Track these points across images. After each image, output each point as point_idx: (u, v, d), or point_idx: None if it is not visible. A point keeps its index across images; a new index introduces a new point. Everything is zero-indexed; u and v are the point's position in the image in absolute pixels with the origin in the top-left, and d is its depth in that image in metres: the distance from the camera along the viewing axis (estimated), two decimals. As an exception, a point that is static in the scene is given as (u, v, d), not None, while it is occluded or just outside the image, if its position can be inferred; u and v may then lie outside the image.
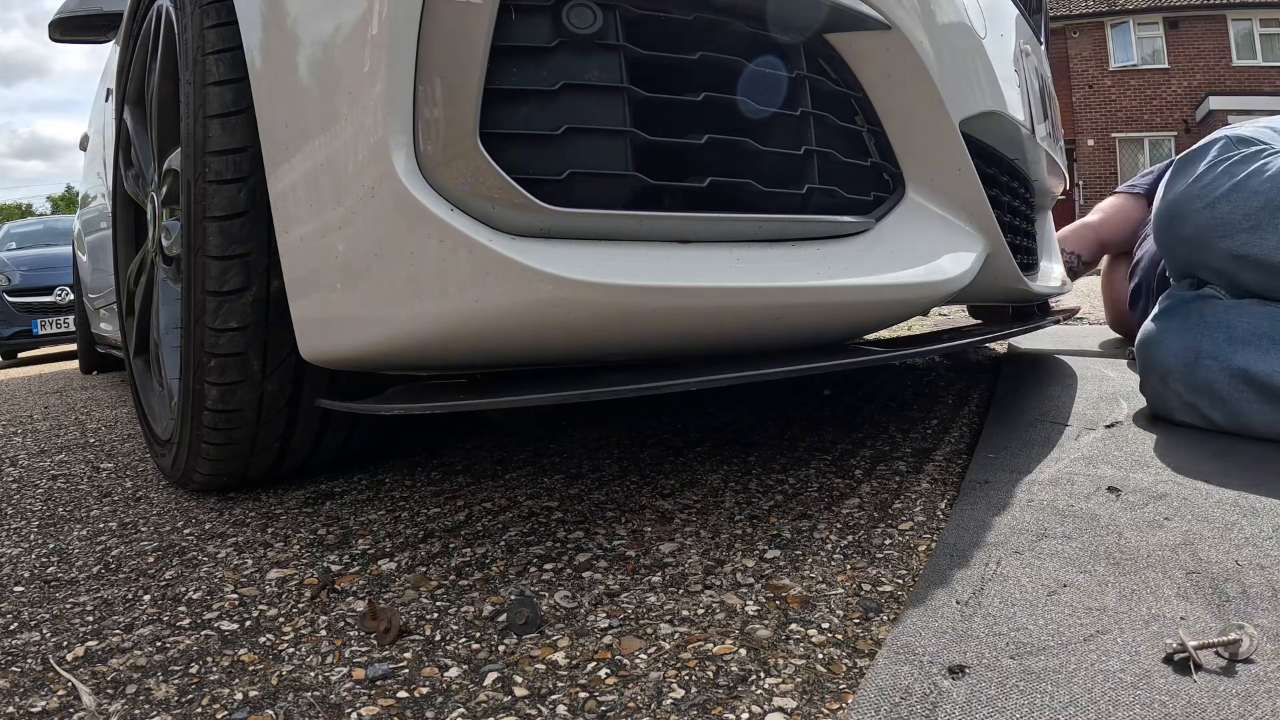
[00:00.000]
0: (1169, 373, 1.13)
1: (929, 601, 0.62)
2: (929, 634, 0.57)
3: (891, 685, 0.51)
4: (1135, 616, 0.58)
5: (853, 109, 0.86)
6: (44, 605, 0.77)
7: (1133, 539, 0.71)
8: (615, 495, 0.99)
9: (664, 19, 0.74)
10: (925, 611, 0.61)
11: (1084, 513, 0.79)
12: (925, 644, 0.56)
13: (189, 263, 0.92)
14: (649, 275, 0.70)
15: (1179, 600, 0.59)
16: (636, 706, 0.53)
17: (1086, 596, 0.61)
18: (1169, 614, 0.58)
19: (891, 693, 0.50)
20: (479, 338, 0.71)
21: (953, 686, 0.50)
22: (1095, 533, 0.74)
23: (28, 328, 6.20)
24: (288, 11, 0.79)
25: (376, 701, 0.56)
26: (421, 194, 0.67)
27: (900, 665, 0.53)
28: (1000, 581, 0.65)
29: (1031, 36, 1.36)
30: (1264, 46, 17.04)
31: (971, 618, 0.59)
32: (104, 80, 2.31)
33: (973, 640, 0.56)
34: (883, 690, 0.50)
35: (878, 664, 0.54)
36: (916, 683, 0.51)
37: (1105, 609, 0.59)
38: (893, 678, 0.52)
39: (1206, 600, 0.59)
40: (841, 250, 0.82)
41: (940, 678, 0.51)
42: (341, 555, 0.84)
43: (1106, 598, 0.61)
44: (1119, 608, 0.59)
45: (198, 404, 0.96)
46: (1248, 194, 1.07)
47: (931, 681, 0.51)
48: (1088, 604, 0.60)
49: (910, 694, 0.50)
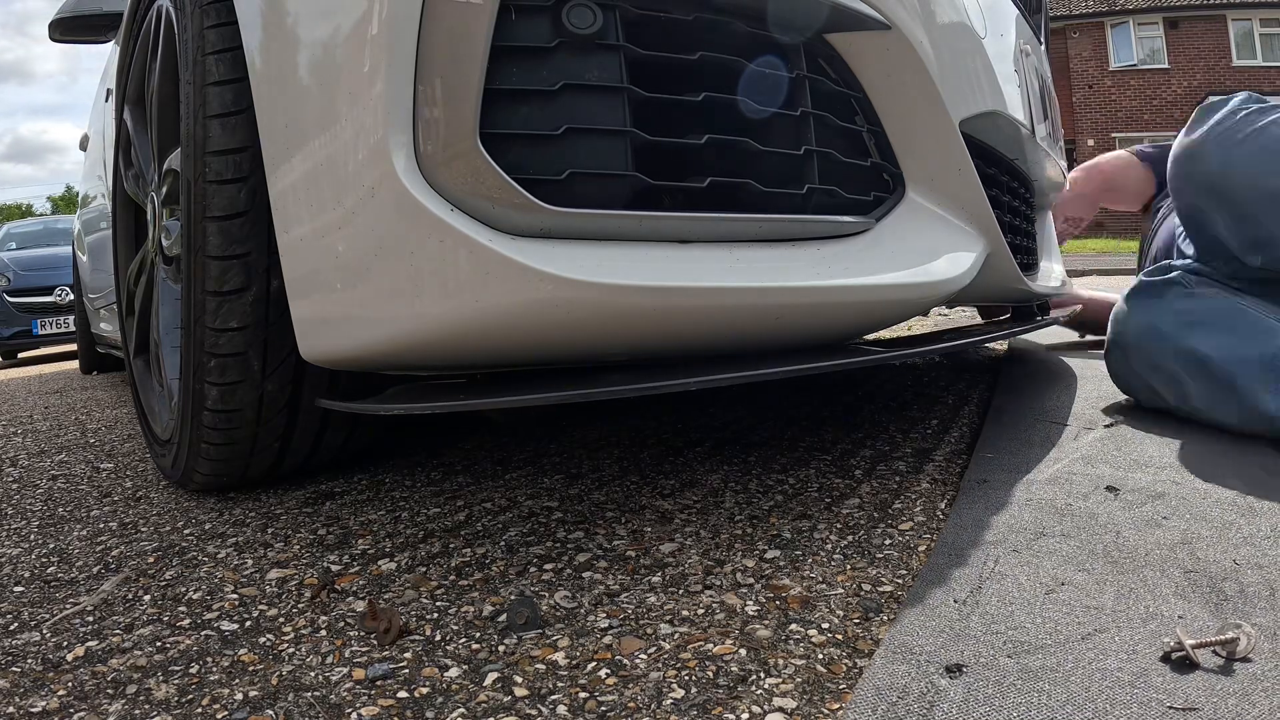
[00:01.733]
0: (1129, 349, 1.19)
1: (927, 601, 0.62)
2: (927, 633, 0.57)
3: (889, 684, 0.51)
4: (1133, 615, 0.58)
5: (853, 109, 0.86)
6: (44, 605, 0.77)
7: (1131, 538, 0.71)
8: (615, 495, 0.99)
9: (664, 19, 0.74)
10: (923, 611, 0.61)
11: (1082, 512, 0.79)
12: (923, 643, 0.56)
13: (189, 263, 0.92)
14: (649, 275, 0.70)
15: (1176, 599, 0.60)
16: (636, 706, 0.53)
17: (1084, 595, 0.61)
18: (1167, 613, 0.58)
19: (889, 692, 0.50)
20: (479, 338, 0.71)
21: (950, 685, 0.50)
22: (1093, 531, 0.74)
23: (28, 328, 6.21)
24: (288, 11, 0.79)
25: (376, 701, 0.56)
26: (421, 194, 0.67)
27: (898, 664, 0.53)
28: (998, 580, 0.65)
29: (1031, 36, 1.36)
30: (1264, 46, 17.05)
31: (969, 617, 0.59)
32: (104, 80, 2.31)
33: (970, 639, 0.56)
34: (880, 690, 0.50)
35: (875, 663, 0.54)
36: (914, 682, 0.51)
37: (1103, 608, 0.59)
38: (890, 677, 0.52)
39: (1204, 599, 0.59)
40: (841, 250, 0.82)
41: (938, 677, 0.51)
42: (341, 555, 0.84)
43: (1104, 596, 0.61)
44: (1117, 606, 0.59)
45: (198, 404, 0.96)
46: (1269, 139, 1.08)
47: (929, 680, 0.51)
48: (1085, 602, 0.60)
49: (908, 693, 0.50)
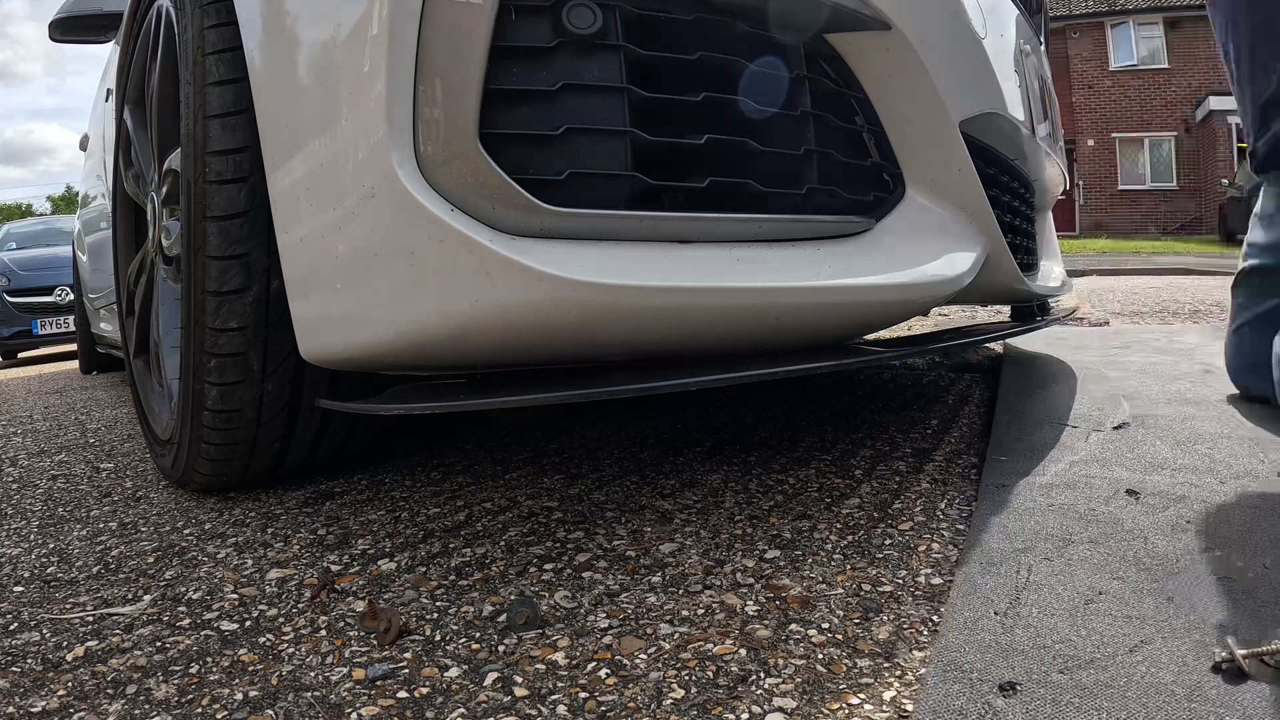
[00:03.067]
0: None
1: (968, 613, 0.61)
2: (973, 648, 0.56)
3: (945, 706, 0.50)
4: (1175, 625, 0.57)
5: (853, 109, 0.86)
6: (44, 605, 0.77)
7: (1159, 544, 0.70)
8: (615, 495, 0.99)
9: (664, 19, 0.74)
10: (966, 625, 0.59)
11: (1106, 517, 0.77)
12: (972, 659, 0.55)
13: (189, 263, 0.92)
14: (649, 275, 0.70)
15: (1215, 606, 0.58)
16: (636, 706, 0.53)
17: (1124, 605, 0.60)
18: (1209, 621, 0.56)
19: (947, 714, 0.49)
20: (479, 337, 0.71)
21: (1007, 706, 0.49)
22: (1121, 538, 0.72)
23: (28, 328, 6.21)
24: (288, 11, 0.79)
25: (376, 701, 0.56)
26: (421, 194, 0.67)
27: (950, 684, 0.52)
28: (1035, 590, 0.64)
29: (1031, 36, 1.36)
30: (1264, 46, 17.01)
31: (1013, 630, 0.58)
32: (104, 80, 2.31)
33: (1019, 654, 0.55)
34: (938, 713, 0.49)
35: (929, 684, 0.53)
36: (970, 703, 0.50)
37: (1144, 617, 0.58)
38: (945, 698, 0.51)
39: (1241, 605, 0.58)
40: (841, 250, 0.82)
41: (993, 696, 0.50)
42: (341, 555, 0.84)
43: (1144, 605, 0.60)
44: (1158, 616, 0.58)
45: (198, 404, 0.96)
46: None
47: (984, 701, 0.50)
48: (1126, 612, 0.59)
49: (966, 715, 0.49)
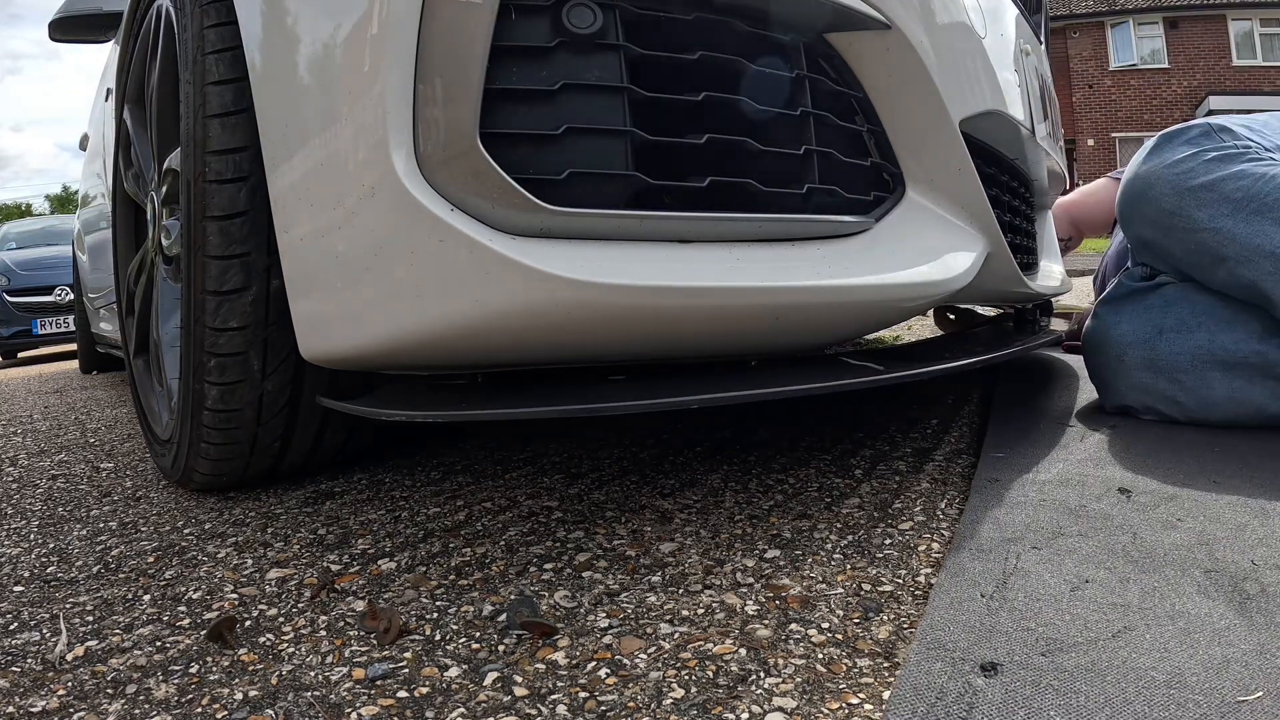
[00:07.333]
0: (1125, 350, 1.13)
1: (954, 594, 0.62)
2: (958, 628, 0.57)
3: (926, 684, 0.51)
4: (1159, 613, 0.58)
5: (853, 109, 0.86)
6: (44, 605, 0.77)
7: (1148, 538, 0.72)
8: (615, 495, 0.99)
9: (664, 19, 0.74)
10: (951, 605, 0.61)
11: (1098, 512, 0.79)
12: (955, 639, 0.56)
13: (189, 262, 0.92)
14: (649, 275, 0.70)
15: (1200, 598, 0.60)
16: (636, 706, 0.53)
17: (1109, 593, 0.61)
18: (1192, 611, 0.58)
19: (927, 692, 0.50)
20: (479, 338, 0.71)
21: (987, 686, 0.50)
22: (1110, 531, 0.74)
23: (28, 328, 6.22)
24: (288, 11, 0.79)
25: (376, 701, 0.56)
26: (421, 194, 0.67)
27: (933, 662, 0.53)
28: (1022, 576, 0.65)
29: (1031, 36, 1.36)
30: (1264, 46, 17.05)
31: (998, 613, 0.59)
32: (104, 80, 2.31)
33: (1002, 636, 0.56)
34: (918, 689, 0.50)
35: (910, 661, 0.53)
36: (951, 681, 0.51)
37: (1129, 605, 0.59)
38: (927, 676, 0.52)
39: (1227, 598, 0.59)
40: (842, 250, 0.82)
41: (974, 676, 0.51)
42: (341, 555, 0.84)
43: (1129, 594, 0.61)
44: (1143, 604, 0.59)
45: (198, 404, 0.96)
46: (1218, 196, 1.05)
47: (965, 680, 0.51)
48: (1111, 600, 0.60)
49: (945, 694, 0.49)
